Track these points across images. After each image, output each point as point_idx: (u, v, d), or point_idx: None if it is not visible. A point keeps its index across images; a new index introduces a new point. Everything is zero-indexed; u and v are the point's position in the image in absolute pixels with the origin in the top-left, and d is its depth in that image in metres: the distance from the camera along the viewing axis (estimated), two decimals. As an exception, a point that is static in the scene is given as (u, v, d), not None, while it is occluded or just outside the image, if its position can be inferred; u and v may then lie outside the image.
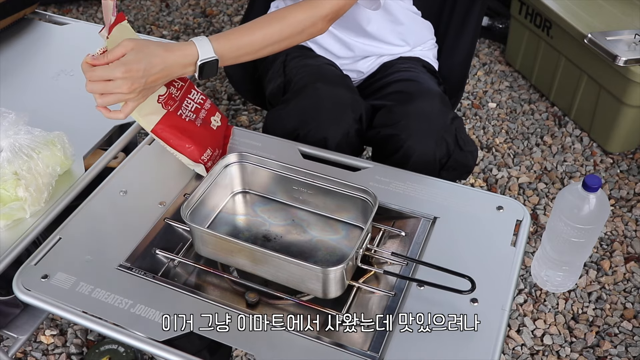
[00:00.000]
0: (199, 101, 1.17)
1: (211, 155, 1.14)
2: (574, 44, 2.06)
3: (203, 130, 1.15)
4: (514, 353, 1.55)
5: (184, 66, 1.04)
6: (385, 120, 1.27)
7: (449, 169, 1.25)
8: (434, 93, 1.31)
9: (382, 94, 1.37)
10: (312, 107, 1.24)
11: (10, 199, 1.05)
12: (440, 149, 1.22)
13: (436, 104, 1.27)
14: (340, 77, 1.35)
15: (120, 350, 1.47)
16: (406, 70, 1.40)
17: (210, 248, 1.00)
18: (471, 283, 0.90)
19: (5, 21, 1.55)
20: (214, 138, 1.16)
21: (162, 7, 2.83)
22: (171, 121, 1.10)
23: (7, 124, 1.09)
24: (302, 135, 1.23)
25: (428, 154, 1.22)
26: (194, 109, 1.16)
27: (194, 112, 1.15)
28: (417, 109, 1.25)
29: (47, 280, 0.96)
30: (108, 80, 0.98)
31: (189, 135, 1.12)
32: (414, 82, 1.36)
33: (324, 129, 1.22)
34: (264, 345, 0.88)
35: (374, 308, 0.98)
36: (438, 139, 1.22)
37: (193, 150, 1.11)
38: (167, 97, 1.11)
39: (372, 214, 0.98)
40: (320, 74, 1.33)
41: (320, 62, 1.39)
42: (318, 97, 1.24)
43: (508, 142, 2.14)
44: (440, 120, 1.24)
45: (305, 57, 1.41)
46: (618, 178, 2.00)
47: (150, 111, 1.09)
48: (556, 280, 1.27)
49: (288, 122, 1.24)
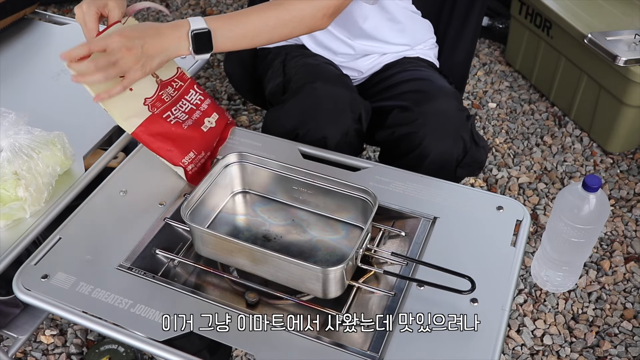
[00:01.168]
0: (195, 102, 1.17)
1: (194, 158, 1.14)
2: (574, 44, 2.06)
3: (190, 133, 1.15)
4: (514, 353, 1.55)
5: (178, 38, 1.04)
6: (401, 119, 1.27)
7: (464, 165, 1.25)
8: (449, 91, 1.31)
9: (393, 93, 1.37)
10: (311, 107, 1.24)
11: (10, 198, 1.05)
12: (458, 146, 1.23)
13: (453, 102, 1.27)
14: (339, 76, 1.35)
15: (120, 350, 1.47)
16: (415, 70, 1.40)
17: (210, 248, 1.00)
18: (471, 283, 0.90)
19: (5, 21, 1.55)
20: (201, 140, 1.16)
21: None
22: (153, 124, 1.11)
23: (7, 124, 1.09)
24: (301, 135, 1.23)
25: (446, 152, 1.22)
26: (187, 110, 1.16)
27: (187, 114, 1.16)
28: (434, 108, 1.25)
29: (47, 280, 0.96)
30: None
31: (171, 138, 1.12)
32: (427, 81, 1.36)
33: (323, 128, 1.22)
34: (263, 345, 0.88)
35: (374, 308, 0.98)
36: (456, 136, 1.23)
37: (173, 153, 1.12)
38: (155, 99, 1.11)
39: (372, 214, 0.98)
40: (319, 72, 1.33)
41: (319, 60, 1.39)
42: (317, 97, 1.24)
43: (508, 142, 2.14)
44: (457, 117, 1.25)
45: (305, 56, 1.40)
46: (618, 178, 2.00)
47: (133, 113, 1.09)
48: (556, 281, 1.27)
49: (287, 122, 1.24)
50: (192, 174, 1.14)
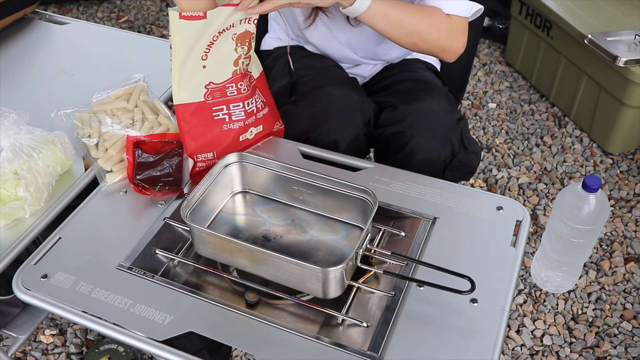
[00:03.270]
0: (250, 110, 1.15)
1: (209, 160, 1.14)
2: (574, 45, 2.06)
3: (224, 137, 1.13)
4: (514, 353, 1.55)
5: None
6: (390, 118, 1.27)
7: (453, 169, 1.25)
8: (441, 92, 1.31)
9: (386, 92, 1.37)
10: (322, 111, 1.24)
11: (10, 198, 1.05)
12: (445, 148, 1.22)
13: (443, 103, 1.27)
14: (349, 79, 1.35)
15: (119, 350, 1.47)
16: (411, 71, 1.41)
17: (210, 248, 1.00)
18: (471, 283, 0.90)
19: (5, 21, 1.55)
20: (229, 147, 1.14)
21: (162, 7, 2.83)
22: (199, 110, 1.10)
23: (7, 124, 1.10)
24: (312, 138, 1.23)
25: (433, 153, 1.22)
26: (234, 115, 1.13)
27: (231, 117, 1.13)
28: (423, 108, 1.25)
29: (47, 279, 0.96)
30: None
31: (202, 132, 1.11)
32: (419, 81, 1.36)
33: (334, 132, 1.22)
34: (263, 345, 0.88)
35: (374, 308, 0.98)
36: (444, 138, 1.22)
37: (194, 145, 1.11)
38: (218, 88, 1.10)
39: (372, 214, 0.98)
40: (330, 76, 1.33)
41: (327, 63, 1.39)
42: (328, 101, 1.24)
43: (508, 143, 2.14)
44: (446, 119, 1.24)
45: (310, 57, 1.40)
46: (618, 178, 2.01)
47: (190, 90, 1.08)
48: (556, 281, 1.27)
49: (299, 125, 1.24)
50: (197, 172, 1.14)
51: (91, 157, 1.15)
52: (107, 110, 1.22)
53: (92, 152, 1.15)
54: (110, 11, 2.82)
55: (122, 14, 2.80)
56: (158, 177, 1.11)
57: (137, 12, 2.78)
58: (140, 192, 1.09)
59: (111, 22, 2.76)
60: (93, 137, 1.16)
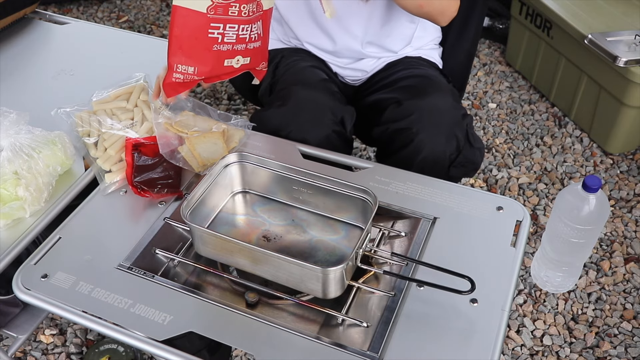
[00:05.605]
0: (242, 36, 1.09)
1: (187, 73, 1.08)
2: (574, 45, 2.06)
3: (207, 55, 1.08)
4: (514, 353, 1.55)
5: None
6: (395, 115, 1.27)
7: (457, 165, 1.25)
8: (446, 88, 1.31)
9: (390, 88, 1.37)
10: (292, 111, 1.25)
11: (10, 198, 1.05)
12: (451, 144, 1.22)
13: (449, 99, 1.27)
14: (321, 81, 1.36)
15: (119, 349, 1.47)
16: (414, 67, 1.41)
17: (210, 248, 1.00)
18: (471, 283, 0.90)
19: (5, 21, 1.55)
20: (210, 69, 1.09)
21: (162, 6, 2.83)
22: (194, 20, 1.04)
23: (8, 123, 1.10)
24: (283, 136, 1.24)
25: (439, 149, 1.22)
26: (227, 37, 1.07)
27: (223, 38, 1.07)
28: (429, 104, 1.25)
29: (47, 279, 0.96)
30: None
31: (190, 44, 1.06)
32: (424, 77, 1.36)
33: (304, 131, 1.23)
34: (263, 345, 0.88)
35: (374, 308, 0.98)
36: (449, 134, 1.22)
37: (178, 54, 1.06)
38: (220, 4, 1.04)
39: (372, 214, 0.98)
40: (303, 77, 1.34)
41: (306, 64, 1.39)
42: (297, 100, 1.26)
43: (508, 143, 2.14)
44: (452, 115, 1.24)
45: (295, 59, 1.41)
46: (618, 179, 2.00)
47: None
48: (556, 281, 1.27)
49: (270, 123, 1.26)
50: (170, 83, 1.09)
51: (90, 156, 1.15)
52: (107, 109, 1.22)
53: (92, 151, 1.15)
54: (110, 11, 2.82)
55: (122, 13, 2.80)
56: (157, 180, 1.11)
57: (137, 12, 2.78)
58: (139, 194, 1.09)
59: (111, 22, 2.76)
60: (92, 135, 1.16)
